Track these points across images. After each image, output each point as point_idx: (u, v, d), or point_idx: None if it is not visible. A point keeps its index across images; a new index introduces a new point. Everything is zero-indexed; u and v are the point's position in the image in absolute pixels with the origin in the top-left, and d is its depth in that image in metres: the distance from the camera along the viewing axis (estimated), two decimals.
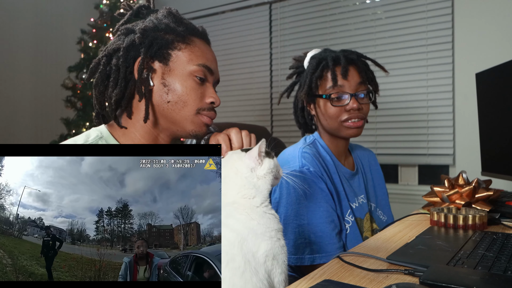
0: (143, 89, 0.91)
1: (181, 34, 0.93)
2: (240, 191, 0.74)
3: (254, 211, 0.72)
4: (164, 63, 0.92)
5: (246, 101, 3.14)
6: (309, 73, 1.22)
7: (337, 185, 1.19)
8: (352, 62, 1.20)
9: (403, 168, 2.64)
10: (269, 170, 0.76)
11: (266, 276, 0.67)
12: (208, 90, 0.94)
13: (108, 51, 0.94)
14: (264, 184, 0.75)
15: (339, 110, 1.18)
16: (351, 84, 1.18)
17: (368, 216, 1.26)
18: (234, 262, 0.65)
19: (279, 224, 0.74)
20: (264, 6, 3.03)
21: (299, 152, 1.18)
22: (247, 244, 0.67)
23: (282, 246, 0.71)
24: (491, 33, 2.25)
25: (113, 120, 0.95)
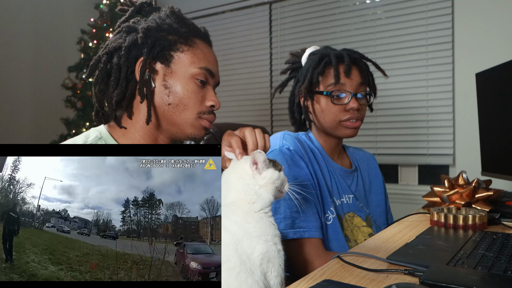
0: (145, 91, 0.90)
1: (183, 35, 0.93)
2: (240, 195, 0.74)
3: (251, 215, 0.72)
4: (166, 64, 0.91)
5: (246, 101, 3.14)
6: (310, 68, 1.20)
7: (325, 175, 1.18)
8: (355, 61, 1.19)
9: (403, 168, 2.64)
10: (270, 180, 0.74)
11: (262, 278, 0.67)
12: (208, 93, 0.94)
13: (109, 49, 0.93)
14: (266, 193, 0.74)
15: (338, 109, 1.18)
16: (353, 83, 1.17)
17: (352, 215, 1.24)
18: (229, 262, 0.65)
19: (276, 230, 0.73)
20: (264, 6, 3.03)
21: (281, 135, 1.18)
22: (242, 245, 0.67)
23: (278, 251, 0.71)
24: (491, 33, 2.25)
25: (113, 120, 0.95)
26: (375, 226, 1.27)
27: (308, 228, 1.05)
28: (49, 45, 3.26)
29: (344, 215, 1.20)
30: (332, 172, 1.22)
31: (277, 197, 0.77)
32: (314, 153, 1.20)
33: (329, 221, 1.14)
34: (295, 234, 1.04)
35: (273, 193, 0.74)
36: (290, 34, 2.93)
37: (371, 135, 2.61)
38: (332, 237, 1.13)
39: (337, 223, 1.15)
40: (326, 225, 1.13)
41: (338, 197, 1.21)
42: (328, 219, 1.14)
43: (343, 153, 1.34)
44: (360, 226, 1.23)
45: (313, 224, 1.06)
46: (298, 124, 1.34)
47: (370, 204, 1.32)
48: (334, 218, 1.15)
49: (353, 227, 1.21)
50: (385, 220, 1.35)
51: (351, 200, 1.25)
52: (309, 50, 1.29)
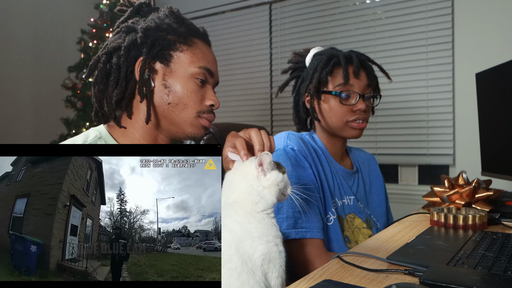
0: (145, 90, 0.90)
1: (183, 35, 0.93)
2: (243, 195, 0.74)
3: (253, 215, 0.72)
4: (166, 64, 0.92)
5: (246, 101, 3.14)
6: (318, 67, 1.20)
7: (328, 176, 1.18)
8: (363, 63, 1.20)
9: (403, 168, 2.64)
10: (274, 182, 0.74)
11: (263, 279, 0.67)
12: (208, 92, 0.94)
13: (108, 49, 0.93)
14: (269, 195, 0.74)
15: (346, 109, 1.18)
16: (360, 85, 1.18)
17: (352, 216, 1.24)
18: (231, 262, 0.65)
19: (278, 232, 0.73)
20: (264, 6, 3.03)
21: (285, 134, 1.19)
22: (243, 246, 0.67)
23: (279, 252, 0.71)
24: (491, 33, 2.25)
25: (113, 120, 0.95)
26: (375, 228, 1.27)
27: (310, 228, 1.05)
28: (49, 45, 3.26)
29: (345, 216, 1.20)
30: (334, 173, 1.22)
31: (280, 200, 0.77)
32: (318, 154, 1.20)
33: (330, 222, 1.14)
34: (297, 234, 1.04)
35: (276, 195, 0.74)
36: (290, 34, 2.93)
37: (371, 135, 2.61)
38: (332, 238, 1.13)
39: (338, 224, 1.16)
40: (327, 226, 1.13)
41: (339, 198, 1.21)
42: (329, 220, 1.15)
43: (345, 154, 1.34)
44: (361, 227, 1.23)
45: (315, 225, 1.06)
46: (302, 124, 1.34)
47: (371, 206, 1.32)
48: (335, 219, 1.16)
49: (353, 228, 1.21)
50: (386, 221, 1.35)
51: (352, 201, 1.25)
52: (314, 50, 1.28)
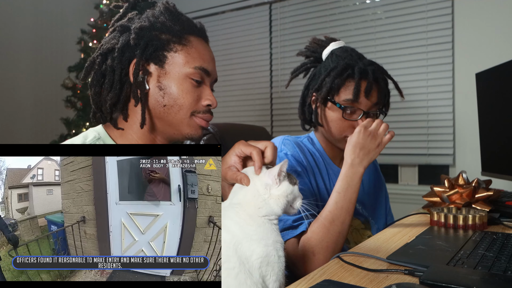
0: (139, 93, 0.89)
1: (177, 34, 0.91)
2: (247, 198, 0.73)
3: (254, 219, 0.71)
4: (160, 65, 0.89)
5: (246, 101, 3.14)
6: (332, 74, 1.16)
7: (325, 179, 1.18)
8: (377, 80, 1.16)
9: (403, 168, 2.64)
10: (284, 193, 0.73)
11: (260, 281, 0.67)
12: (204, 92, 0.92)
13: (103, 50, 0.91)
14: (275, 205, 0.72)
15: (347, 124, 1.15)
16: (368, 103, 1.15)
17: None
18: (229, 262, 0.65)
19: (279, 237, 0.72)
20: (264, 6, 3.03)
21: (281, 139, 1.18)
22: (241, 247, 0.67)
23: (279, 257, 0.70)
24: (491, 33, 2.25)
25: (110, 122, 0.94)
26: (374, 229, 1.27)
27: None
28: (49, 45, 3.27)
29: None
30: (332, 175, 1.21)
31: (288, 212, 0.76)
32: (315, 157, 1.19)
33: None
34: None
35: (283, 206, 0.73)
36: (290, 34, 2.93)
37: None
38: None
39: None
40: None
41: None
42: None
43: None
44: (360, 228, 1.23)
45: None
46: (307, 122, 1.30)
47: (370, 207, 1.32)
48: None
49: (352, 230, 1.21)
50: (385, 222, 1.34)
51: None
52: (333, 45, 1.23)
